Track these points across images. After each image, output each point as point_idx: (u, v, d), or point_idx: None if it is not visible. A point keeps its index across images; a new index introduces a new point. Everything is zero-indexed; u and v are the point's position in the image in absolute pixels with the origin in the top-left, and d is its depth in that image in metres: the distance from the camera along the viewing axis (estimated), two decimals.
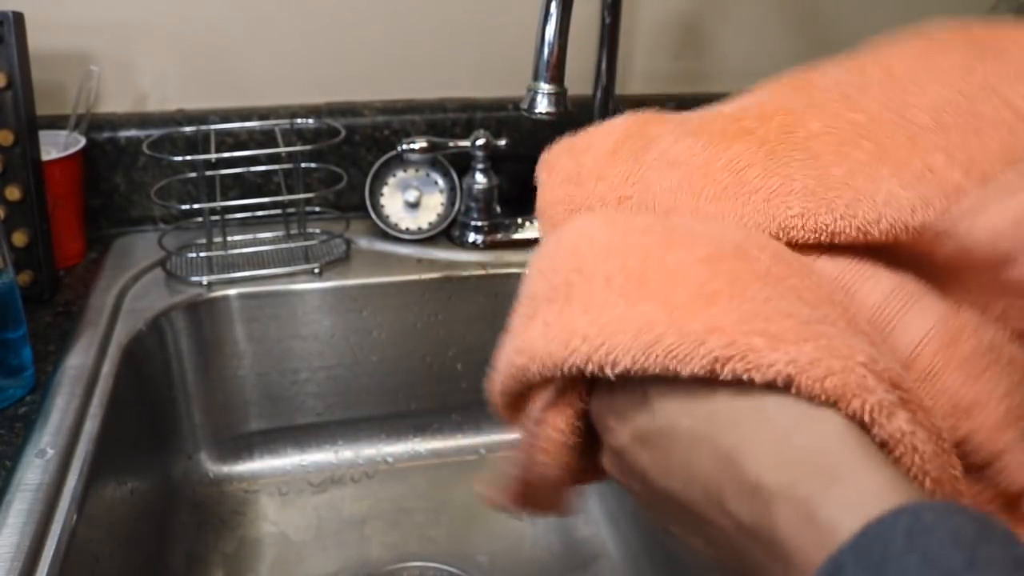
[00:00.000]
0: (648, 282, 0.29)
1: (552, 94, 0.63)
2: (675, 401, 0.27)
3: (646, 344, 0.26)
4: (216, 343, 0.74)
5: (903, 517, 0.20)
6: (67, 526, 0.47)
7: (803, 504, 0.22)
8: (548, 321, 0.30)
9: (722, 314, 0.27)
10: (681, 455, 0.26)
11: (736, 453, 0.24)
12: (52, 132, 0.74)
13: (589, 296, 0.29)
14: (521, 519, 0.40)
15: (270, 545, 0.71)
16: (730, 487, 0.24)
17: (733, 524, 0.25)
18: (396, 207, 0.82)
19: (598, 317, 0.28)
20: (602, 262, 0.30)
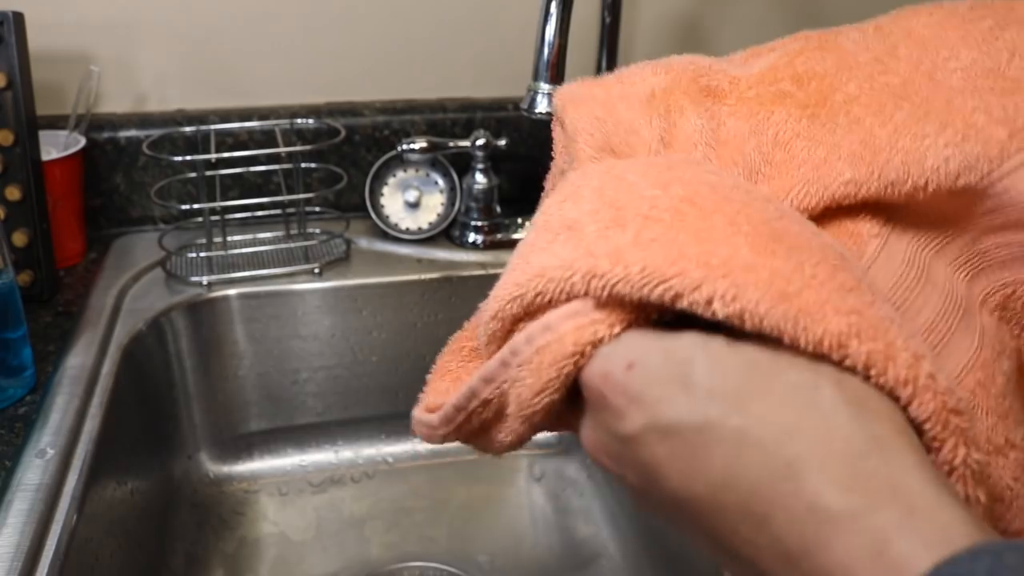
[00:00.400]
0: (780, 241, 0.26)
1: (552, 94, 0.63)
2: (724, 394, 0.23)
3: (780, 293, 0.23)
4: (216, 343, 0.74)
5: (984, 557, 0.19)
6: (67, 526, 0.47)
7: (874, 534, 0.20)
8: (648, 237, 0.26)
9: (860, 303, 0.24)
10: (720, 457, 0.23)
11: (798, 465, 0.21)
12: (52, 132, 0.74)
13: (708, 231, 0.26)
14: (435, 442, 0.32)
15: (270, 545, 0.71)
16: (782, 503, 0.22)
17: (770, 543, 0.22)
18: (396, 207, 0.82)
19: (718, 252, 0.25)
20: (724, 205, 0.27)
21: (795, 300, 0.23)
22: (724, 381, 0.24)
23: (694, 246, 0.25)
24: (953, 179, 0.30)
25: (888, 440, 0.22)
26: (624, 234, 0.26)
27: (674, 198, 0.27)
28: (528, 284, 0.27)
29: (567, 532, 0.75)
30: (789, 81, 0.34)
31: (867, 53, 0.34)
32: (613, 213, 0.27)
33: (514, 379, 0.28)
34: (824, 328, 0.23)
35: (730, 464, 0.23)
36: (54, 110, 0.76)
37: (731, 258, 0.24)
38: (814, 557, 0.21)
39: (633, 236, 0.26)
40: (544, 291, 0.27)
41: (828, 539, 0.21)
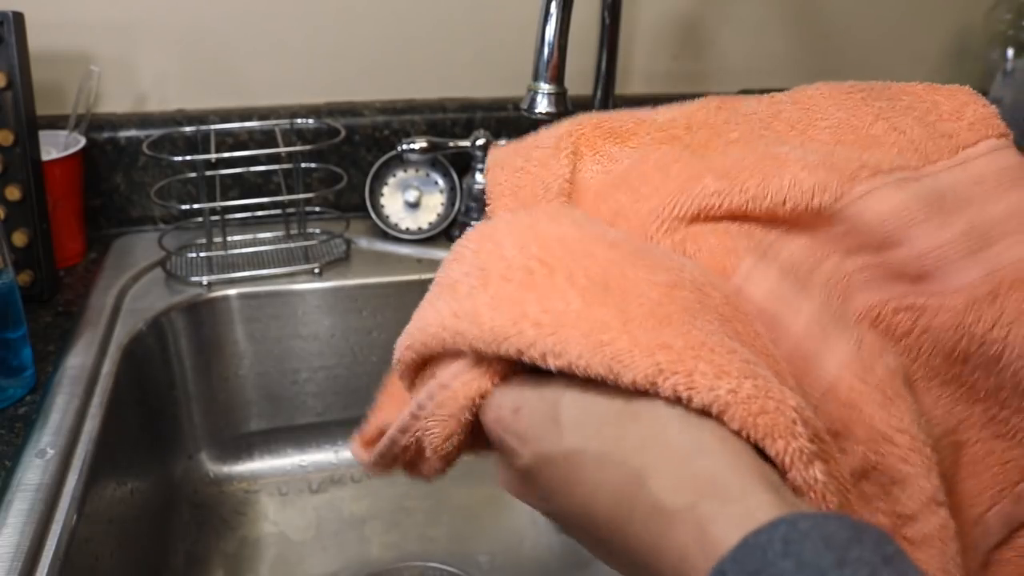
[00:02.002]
0: (609, 290, 0.30)
1: (552, 94, 0.63)
2: (584, 425, 0.28)
3: (597, 343, 0.28)
4: (216, 343, 0.74)
5: (781, 526, 0.22)
6: (67, 526, 0.47)
7: (698, 523, 0.24)
8: (501, 296, 0.31)
9: (673, 336, 0.28)
10: (588, 476, 0.27)
11: (643, 475, 0.26)
12: (52, 132, 0.74)
13: (549, 288, 0.30)
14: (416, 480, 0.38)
15: (270, 545, 0.71)
16: (635, 508, 0.26)
17: (636, 543, 0.26)
18: (396, 207, 0.82)
19: (553, 308, 0.29)
20: (567, 261, 0.32)
21: (608, 349, 0.27)
22: (584, 414, 0.28)
23: (534, 305, 0.30)
24: (808, 198, 0.35)
25: (710, 444, 0.26)
26: (484, 294, 0.31)
27: (528, 257, 0.32)
28: (416, 336, 0.32)
29: None
30: (682, 128, 0.39)
31: (755, 114, 0.40)
32: (480, 274, 0.32)
33: (424, 428, 0.32)
34: (634, 372, 0.27)
35: (596, 480, 0.27)
36: (54, 110, 0.76)
37: (562, 314, 0.29)
38: (662, 548, 0.25)
39: (490, 298, 0.31)
40: (428, 344, 0.32)
41: (668, 531, 0.25)
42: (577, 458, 0.28)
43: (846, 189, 0.35)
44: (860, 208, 0.35)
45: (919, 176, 0.36)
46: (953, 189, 0.35)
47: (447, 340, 0.31)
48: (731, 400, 0.26)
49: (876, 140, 0.37)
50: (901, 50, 0.98)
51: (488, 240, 0.34)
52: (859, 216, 0.35)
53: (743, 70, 0.94)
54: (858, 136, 0.37)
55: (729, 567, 0.22)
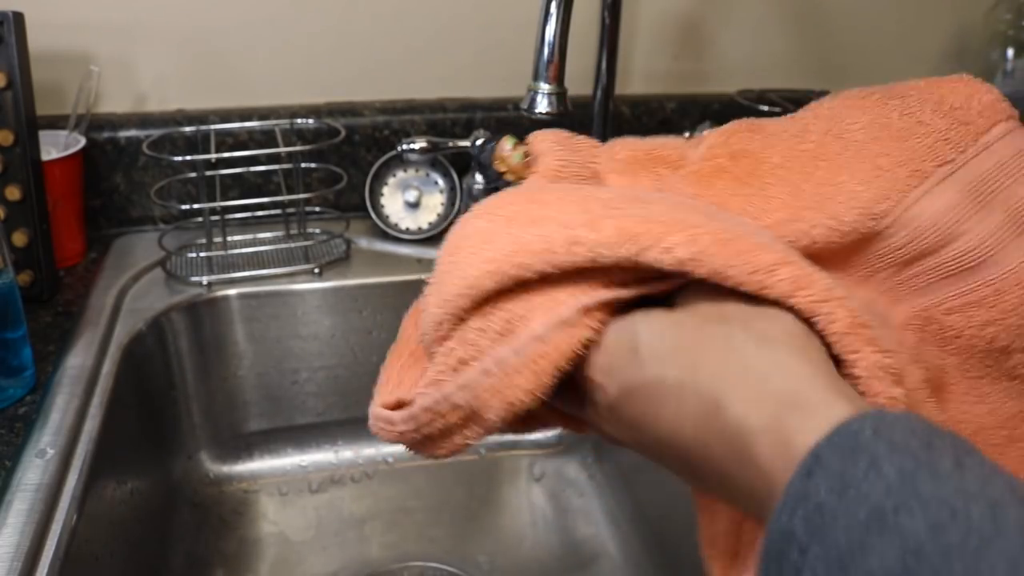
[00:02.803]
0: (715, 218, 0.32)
1: (552, 94, 0.63)
2: (661, 353, 0.29)
3: (724, 240, 0.29)
4: (216, 343, 0.74)
5: (869, 417, 0.24)
6: (67, 526, 0.47)
7: (780, 435, 0.25)
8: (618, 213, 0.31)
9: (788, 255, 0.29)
10: (670, 405, 0.28)
11: (721, 398, 0.27)
12: (52, 132, 0.74)
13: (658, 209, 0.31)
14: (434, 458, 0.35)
15: (270, 545, 0.71)
16: (717, 432, 0.27)
17: (720, 461, 0.27)
18: (396, 207, 0.82)
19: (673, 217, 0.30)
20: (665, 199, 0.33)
21: (734, 244, 0.29)
22: (661, 343, 0.29)
23: (652, 214, 0.30)
24: (870, 211, 0.36)
25: (787, 363, 0.27)
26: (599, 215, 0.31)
27: (625, 198, 0.33)
28: (505, 260, 0.30)
29: (567, 532, 0.75)
30: (725, 158, 0.40)
31: (785, 132, 0.41)
32: (578, 208, 0.32)
33: (501, 386, 0.31)
34: (759, 260, 0.29)
35: (678, 408, 0.28)
36: (54, 110, 0.76)
37: (683, 219, 0.30)
38: (748, 466, 0.26)
39: (601, 213, 0.31)
40: (525, 263, 0.30)
41: (753, 449, 0.26)
42: (658, 387, 0.29)
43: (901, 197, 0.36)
44: (916, 212, 0.36)
45: (955, 169, 0.37)
46: (983, 176, 0.36)
47: (558, 252, 0.30)
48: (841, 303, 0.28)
49: (907, 134, 0.38)
50: (901, 50, 0.98)
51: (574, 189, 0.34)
52: (916, 220, 0.36)
53: (743, 70, 0.94)
54: (890, 132, 0.38)
55: (824, 450, 0.24)
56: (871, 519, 0.22)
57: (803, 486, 0.23)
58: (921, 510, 0.21)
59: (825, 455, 0.23)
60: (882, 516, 0.22)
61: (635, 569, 0.71)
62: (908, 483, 0.22)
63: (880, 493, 0.22)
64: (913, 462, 0.22)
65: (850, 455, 0.23)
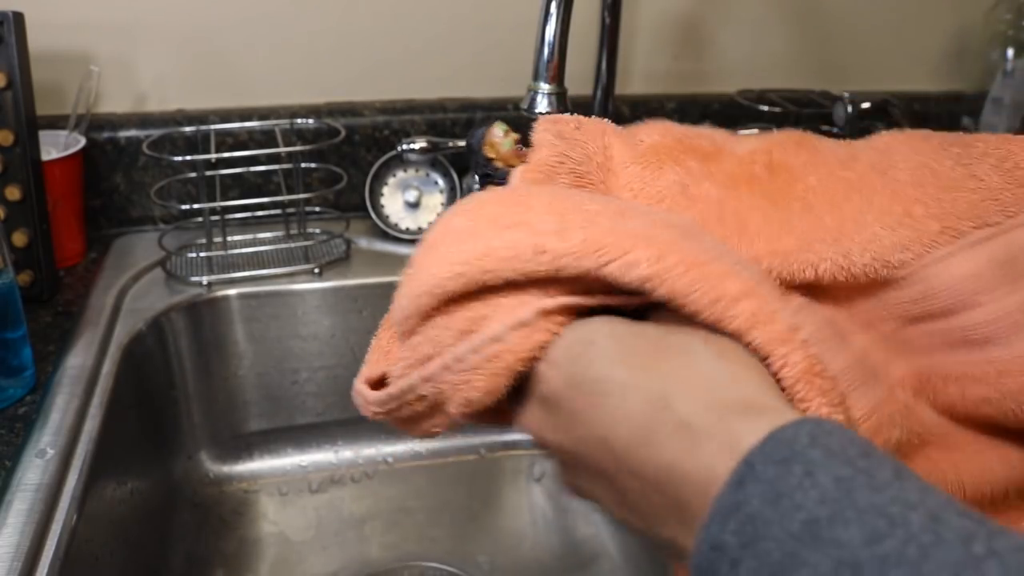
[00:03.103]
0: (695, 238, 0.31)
1: (552, 94, 0.63)
2: (614, 355, 0.29)
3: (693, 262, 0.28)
4: (216, 343, 0.74)
5: (806, 424, 0.23)
6: (67, 526, 0.47)
7: (729, 434, 0.24)
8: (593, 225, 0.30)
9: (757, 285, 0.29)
10: (611, 402, 0.28)
11: (669, 397, 0.26)
12: (52, 132, 0.74)
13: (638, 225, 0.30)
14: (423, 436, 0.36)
15: (270, 545, 0.71)
16: (657, 428, 0.26)
17: (653, 465, 0.26)
18: (396, 207, 0.82)
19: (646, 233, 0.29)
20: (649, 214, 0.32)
21: (702, 268, 0.28)
22: (616, 345, 0.29)
23: (628, 228, 0.30)
24: (884, 259, 0.35)
25: (742, 374, 0.27)
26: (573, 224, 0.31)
27: (609, 210, 0.32)
28: (474, 263, 0.31)
29: (567, 532, 0.75)
30: (762, 167, 0.39)
31: (834, 155, 0.39)
32: (555, 216, 0.32)
33: (461, 382, 0.31)
34: (722, 288, 0.28)
35: (618, 406, 0.28)
36: (54, 110, 0.76)
37: (654, 236, 0.29)
38: (686, 465, 0.25)
39: (576, 222, 0.31)
40: (491, 269, 0.30)
41: (694, 447, 0.25)
42: (604, 384, 0.28)
43: (925, 251, 0.34)
44: (936, 271, 0.34)
45: (994, 235, 0.35)
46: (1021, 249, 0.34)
47: (526, 258, 0.30)
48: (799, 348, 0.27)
49: (955, 185, 0.36)
50: (901, 50, 0.98)
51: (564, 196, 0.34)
52: (934, 279, 0.34)
53: (743, 70, 0.94)
54: (938, 180, 0.36)
55: (757, 458, 0.23)
56: (805, 530, 0.21)
57: (734, 496, 0.23)
58: (857, 519, 0.20)
59: (758, 463, 0.23)
60: (816, 527, 0.21)
61: (635, 569, 0.71)
62: (844, 492, 0.21)
63: (814, 502, 0.21)
64: (850, 470, 0.22)
65: (783, 464, 0.22)
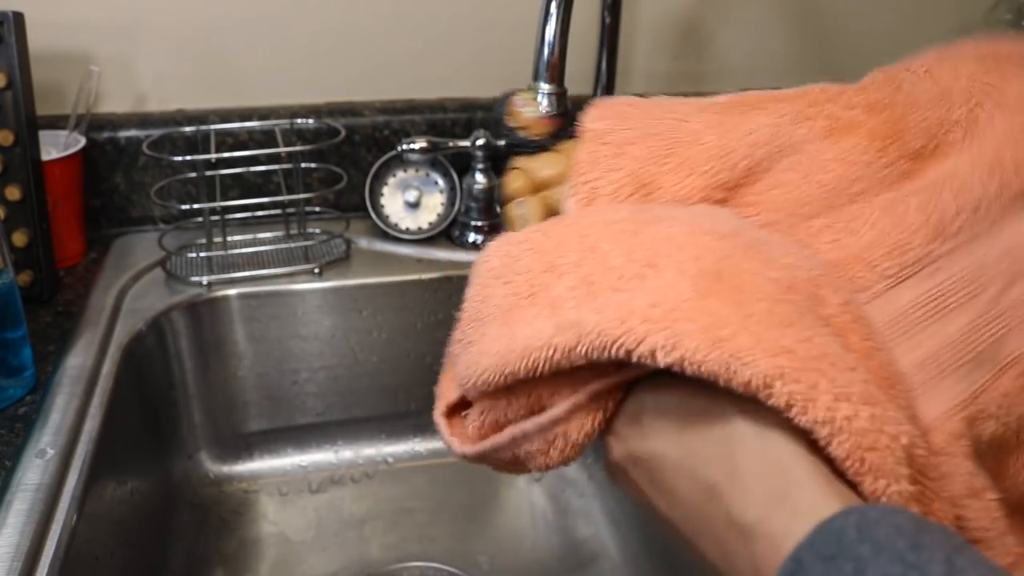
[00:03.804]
0: (722, 280, 0.29)
1: (552, 94, 0.63)
2: (662, 430, 0.29)
3: (715, 339, 0.26)
4: (216, 343, 0.74)
5: (852, 515, 0.23)
6: (67, 526, 0.47)
7: (772, 537, 0.25)
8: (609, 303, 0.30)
9: (795, 341, 0.27)
10: (667, 482, 0.29)
11: (715, 489, 0.27)
12: (52, 132, 0.74)
13: (659, 284, 0.29)
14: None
15: (270, 545, 0.71)
16: (709, 520, 0.27)
17: (712, 552, 0.27)
18: (396, 207, 0.82)
19: (664, 301, 0.28)
20: (677, 256, 0.31)
21: (728, 345, 0.26)
22: (665, 417, 0.29)
23: (642, 300, 0.29)
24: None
25: (784, 461, 0.26)
26: (591, 305, 0.30)
27: (637, 263, 0.31)
28: (517, 363, 0.31)
29: (567, 532, 0.75)
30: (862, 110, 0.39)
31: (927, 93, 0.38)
32: (587, 288, 0.32)
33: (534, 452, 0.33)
34: (752, 371, 0.26)
35: (672, 488, 0.28)
36: (54, 110, 0.75)
37: (674, 308, 0.28)
38: (737, 561, 0.26)
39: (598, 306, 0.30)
40: (532, 367, 0.31)
41: (743, 544, 0.26)
42: (657, 463, 0.29)
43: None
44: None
45: None
46: None
47: (558, 358, 0.30)
48: (844, 427, 0.25)
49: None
50: (901, 50, 0.98)
51: (590, 250, 0.33)
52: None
53: (743, 70, 0.94)
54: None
55: (805, 554, 0.23)
56: None
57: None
58: None
59: (807, 559, 0.23)
60: None
61: (635, 569, 0.71)
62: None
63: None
64: (901, 568, 0.21)
65: (831, 561, 0.22)
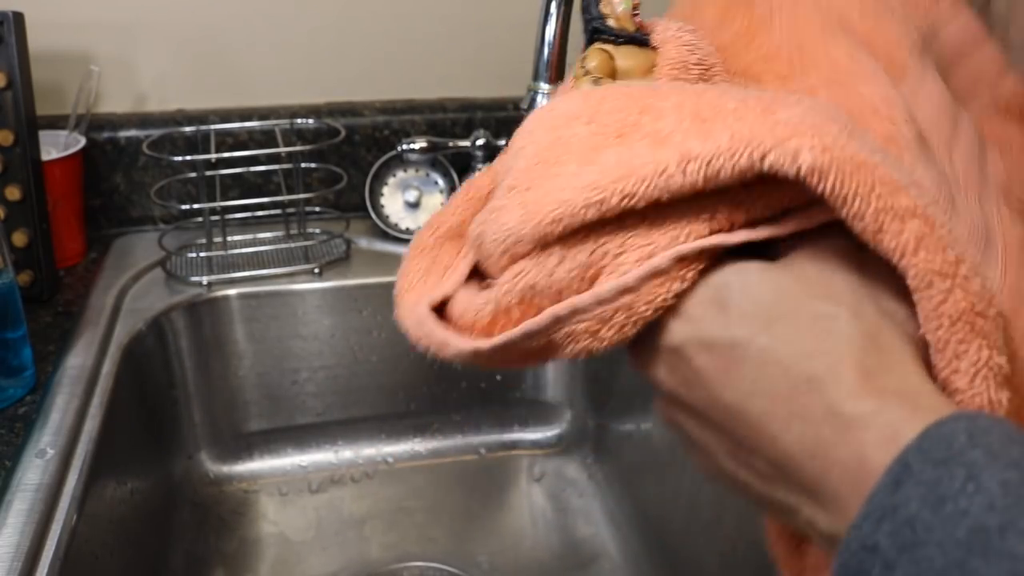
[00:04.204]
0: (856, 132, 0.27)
1: (552, 94, 0.63)
2: (755, 317, 0.26)
3: (860, 162, 0.25)
4: (216, 343, 0.74)
5: (962, 420, 0.22)
6: (67, 526, 0.47)
7: (885, 428, 0.23)
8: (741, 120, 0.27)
9: (922, 195, 0.25)
10: (747, 372, 0.26)
11: (816, 380, 0.25)
12: (52, 132, 0.74)
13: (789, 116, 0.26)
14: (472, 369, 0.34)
15: (270, 545, 0.71)
16: (801, 412, 0.25)
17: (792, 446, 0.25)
18: (396, 207, 0.82)
19: (805, 120, 0.26)
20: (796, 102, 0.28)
21: (873, 170, 0.25)
22: (755, 304, 0.26)
23: (780, 118, 0.26)
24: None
25: (894, 356, 0.25)
26: (710, 125, 0.27)
27: (756, 104, 0.27)
28: (611, 187, 0.27)
29: (567, 532, 0.75)
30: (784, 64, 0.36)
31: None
32: (698, 123, 0.27)
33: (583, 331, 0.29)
34: (890, 200, 0.24)
35: (756, 377, 0.26)
36: (54, 110, 0.76)
37: (814, 127, 0.25)
38: (830, 453, 0.24)
39: (720, 124, 0.27)
40: (633, 192, 0.27)
41: (844, 436, 0.24)
42: (741, 350, 0.26)
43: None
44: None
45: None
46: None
47: (672, 174, 0.26)
48: (963, 284, 0.24)
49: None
50: None
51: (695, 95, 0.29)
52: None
53: None
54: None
55: (914, 457, 0.22)
56: (973, 538, 0.20)
57: (891, 497, 0.21)
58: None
59: (915, 463, 0.22)
60: (986, 536, 0.20)
61: (635, 569, 0.71)
62: (1014, 498, 0.20)
63: (982, 509, 0.20)
64: (1018, 474, 0.20)
65: (943, 465, 0.21)
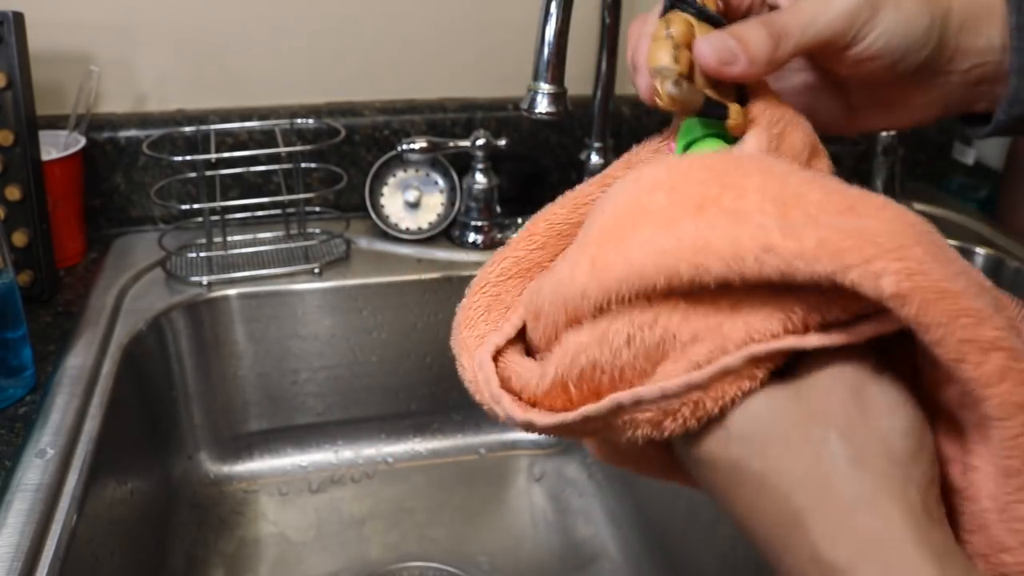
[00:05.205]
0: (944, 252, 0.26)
1: (552, 94, 0.63)
2: (751, 439, 0.26)
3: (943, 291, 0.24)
4: (216, 343, 0.74)
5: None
6: (67, 526, 0.47)
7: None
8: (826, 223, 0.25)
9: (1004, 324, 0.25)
10: (747, 494, 0.26)
11: (802, 517, 0.25)
12: (52, 132, 0.74)
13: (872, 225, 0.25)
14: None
15: (270, 545, 0.71)
16: (791, 546, 0.25)
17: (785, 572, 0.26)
18: (396, 207, 0.82)
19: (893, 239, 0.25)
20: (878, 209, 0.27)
21: (956, 300, 0.24)
22: (753, 426, 0.27)
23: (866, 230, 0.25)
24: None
25: (878, 497, 0.25)
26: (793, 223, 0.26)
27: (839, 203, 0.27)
28: (683, 256, 0.26)
29: (567, 532, 0.75)
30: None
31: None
32: (780, 208, 0.26)
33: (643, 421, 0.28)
34: (978, 334, 0.24)
35: (752, 503, 0.26)
36: (54, 110, 0.76)
37: (898, 245, 0.24)
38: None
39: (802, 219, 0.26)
40: (704, 265, 0.25)
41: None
42: (739, 474, 0.26)
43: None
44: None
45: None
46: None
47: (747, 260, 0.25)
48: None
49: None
50: None
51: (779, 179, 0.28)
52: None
53: None
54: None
55: None
56: None
57: None
58: None
59: None
60: None
61: (635, 569, 0.71)
62: None
63: None
64: None
65: None
